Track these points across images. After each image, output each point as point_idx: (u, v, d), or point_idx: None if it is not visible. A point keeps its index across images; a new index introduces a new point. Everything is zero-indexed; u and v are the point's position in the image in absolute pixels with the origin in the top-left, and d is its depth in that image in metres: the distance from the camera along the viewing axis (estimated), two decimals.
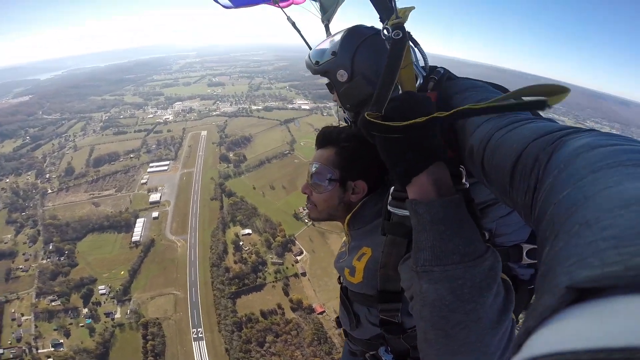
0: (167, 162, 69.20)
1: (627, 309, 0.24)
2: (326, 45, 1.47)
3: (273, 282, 41.41)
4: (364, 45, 1.38)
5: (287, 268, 43.20)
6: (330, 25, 2.05)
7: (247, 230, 49.18)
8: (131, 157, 72.67)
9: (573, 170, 0.46)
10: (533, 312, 0.33)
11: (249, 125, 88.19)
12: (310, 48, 1.61)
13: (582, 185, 0.41)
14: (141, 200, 56.90)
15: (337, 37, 1.42)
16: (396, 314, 1.17)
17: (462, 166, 0.97)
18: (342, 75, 1.40)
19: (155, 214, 52.94)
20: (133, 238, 47.52)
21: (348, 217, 1.33)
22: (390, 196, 1.04)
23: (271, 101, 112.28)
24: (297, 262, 44.37)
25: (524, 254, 1.18)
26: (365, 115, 0.76)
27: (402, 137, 0.74)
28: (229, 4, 2.74)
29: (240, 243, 46.85)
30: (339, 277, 1.49)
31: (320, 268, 42.95)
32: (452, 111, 0.67)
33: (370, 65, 1.37)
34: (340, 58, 1.40)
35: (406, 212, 0.95)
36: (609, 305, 0.26)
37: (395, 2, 0.98)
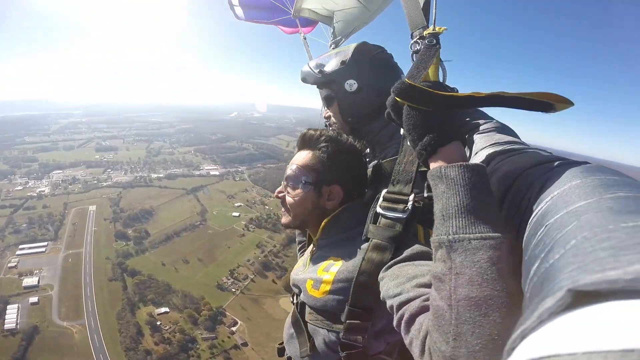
0: (45, 243, 61.21)
1: (625, 313, 0.26)
2: (329, 57, 1.55)
3: (210, 358, 40.35)
4: (375, 59, 1.50)
5: (222, 341, 42.57)
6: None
7: (164, 309, 47.16)
8: None
9: (567, 197, 0.52)
10: (529, 316, 0.34)
11: (149, 196, 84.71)
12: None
13: (574, 211, 0.46)
14: (11, 285, 49.96)
15: (346, 50, 1.52)
16: (363, 334, 1.07)
17: None
18: (352, 85, 1.46)
19: (33, 299, 47.66)
20: (6, 326, 42.36)
21: (325, 220, 1.30)
22: (381, 198, 1.07)
23: (174, 168, 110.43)
24: (233, 333, 43.96)
25: None
26: (406, 79, 0.78)
27: (437, 107, 0.78)
28: (242, 16, 3.05)
29: (158, 323, 44.31)
30: (293, 294, 1.44)
31: (262, 334, 43.46)
32: (489, 93, 0.74)
33: (380, 78, 1.46)
34: (351, 68, 1.47)
35: (398, 215, 1.02)
36: (608, 309, 0.27)
37: (435, 16, 1.09)
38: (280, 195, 1.39)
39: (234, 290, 53.09)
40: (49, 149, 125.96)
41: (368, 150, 1.60)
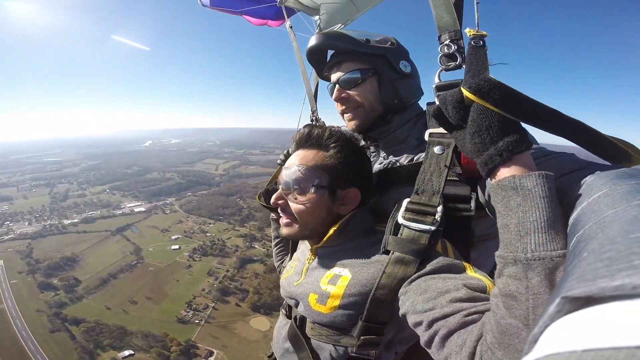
0: None
1: (610, 315, 0.30)
2: (363, 33, 1.44)
3: None
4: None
5: None
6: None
7: (127, 352, 45.89)
8: None
9: (595, 207, 0.54)
10: (538, 323, 0.39)
11: (67, 243, 79.03)
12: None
13: (602, 221, 0.48)
14: None
15: (379, 35, 1.45)
16: (376, 348, 1.05)
17: (474, 192, 1.04)
18: (406, 67, 1.42)
19: None
20: None
21: (334, 228, 1.16)
22: (403, 208, 1.01)
23: (90, 211, 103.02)
24: None
25: None
26: (491, 78, 0.72)
27: (519, 115, 0.71)
28: (207, 2, 2.92)
29: None
30: (287, 306, 1.36)
31: (244, 358, 44.09)
32: (574, 118, 0.70)
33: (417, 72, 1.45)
34: (402, 51, 1.44)
35: (425, 227, 0.95)
36: (595, 312, 0.32)
37: (477, 19, 1.03)
38: (280, 202, 1.23)
39: (197, 321, 52.74)
40: None
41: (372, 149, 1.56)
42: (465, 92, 0.73)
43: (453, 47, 1.06)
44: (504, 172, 0.70)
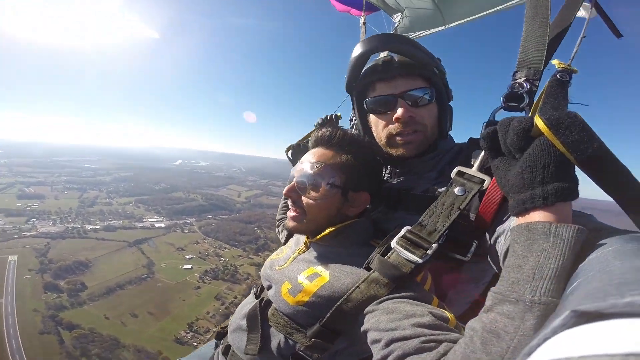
0: None
1: (618, 328, 0.32)
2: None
3: None
4: None
5: None
6: None
7: None
8: None
9: (602, 258, 0.55)
10: (537, 336, 0.40)
11: (83, 248, 79.87)
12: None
13: (608, 270, 0.50)
14: None
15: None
16: (320, 354, 1.08)
17: (475, 241, 1.04)
18: (450, 94, 1.40)
19: None
20: None
21: (331, 229, 1.19)
22: (401, 234, 1.03)
23: (113, 220, 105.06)
24: None
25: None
26: (577, 114, 0.64)
27: (586, 164, 0.63)
28: None
29: None
30: (259, 287, 1.40)
31: None
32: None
33: None
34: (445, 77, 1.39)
35: (412, 257, 0.96)
36: (602, 326, 0.34)
37: (575, 53, 1.01)
38: (292, 194, 1.25)
39: (195, 343, 50.94)
40: None
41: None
42: (540, 123, 0.65)
43: (525, 87, 0.99)
44: (539, 216, 0.67)
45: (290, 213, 1.27)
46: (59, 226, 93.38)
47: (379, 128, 1.37)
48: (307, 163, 1.23)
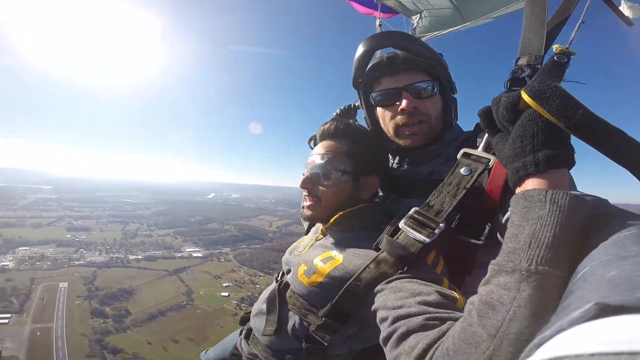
0: (7, 315, 58.00)
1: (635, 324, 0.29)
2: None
3: None
4: None
5: None
6: None
7: None
8: None
9: (619, 242, 0.52)
10: (550, 327, 0.38)
11: (127, 276, 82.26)
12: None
13: (626, 255, 0.47)
14: None
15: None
16: (332, 335, 1.11)
17: (489, 224, 1.06)
18: (454, 87, 1.45)
19: None
20: None
21: (340, 214, 1.27)
22: (408, 214, 1.06)
23: (153, 250, 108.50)
24: None
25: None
26: (557, 85, 0.65)
27: (575, 129, 0.62)
28: None
29: None
30: (280, 272, 1.46)
31: None
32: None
33: None
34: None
35: (419, 236, 0.98)
36: (626, 320, 0.31)
37: (574, 35, 1.02)
38: (307, 185, 1.32)
39: None
40: (14, 225, 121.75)
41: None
42: (524, 96, 0.67)
43: (526, 72, 1.01)
44: (533, 183, 0.66)
45: (306, 203, 1.35)
46: (105, 256, 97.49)
47: (386, 120, 1.44)
48: (317, 155, 1.33)
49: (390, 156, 1.59)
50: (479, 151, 1.10)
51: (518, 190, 0.69)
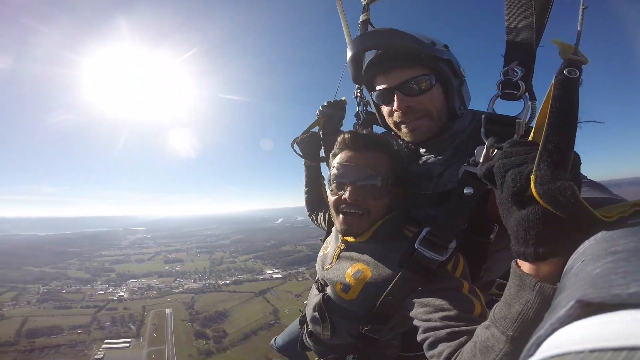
0: (129, 340, 64.21)
1: (625, 320, 0.31)
2: (420, 34, 1.26)
3: None
4: None
5: None
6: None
7: None
8: (79, 332, 66.40)
9: (608, 236, 0.53)
10: (543, 325, 0.39)
11: (220, 300, 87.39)
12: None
13: (614, 251, 0.47)
14: None
15: (423, 36, 1.27)
16: (381, 331, 1.27)
17: (496, 224, 1.14)
18: (464, 71, 1.34)
19: None
20: None
21: (372, 230, 1.32)
22: (423, 236, 1.13)
23: (238, 274, 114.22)
24: None
25: (494, 287, 1.38)
26: (574, 191, 0.55)
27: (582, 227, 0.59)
28: None
29: None
30: (320, 282, 1.49)
31: None
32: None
33: None
34: (452, 55, 1.32)
35: (435, 256, 1.09)
36: (611, 317, 0.32)
37: (580, 31, 0.78)
38: (359, 197, 1.28)
39: None
40: (122, 261, 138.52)
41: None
42: (536, 194, 0.59)
43: (518, 73, 0.93)
44: (530, 269, 0.70)
45: (349, 216, 1.32)
46: (199, 283, 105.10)
47: (387, 117, 1.41)
48: (367, 167, 1.31)
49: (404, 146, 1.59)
50: (478, 169, 1.05)
51: (515, 266, 0.74)
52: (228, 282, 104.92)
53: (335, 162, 1.38)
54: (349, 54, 1.33)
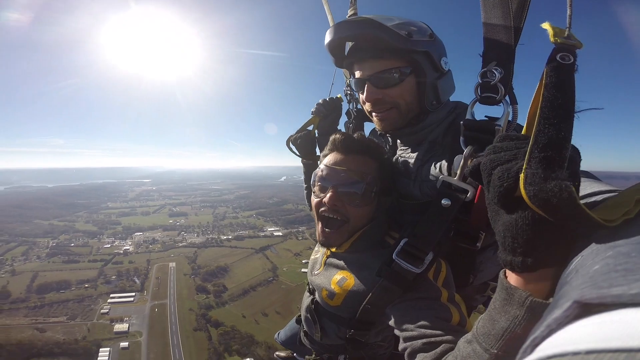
0: (133, 294, 66.08)
1: (626, 320, 0.29)
2: (400, 23, 1.19)
3: None
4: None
5: None
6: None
7: (248, 359, 47.04)
8: (86, 287, 68.57)
9: (610, 236, 0.47)
10: (540, 326, 0.37)
11: (222, 255, 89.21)
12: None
13: (613, 245, 0.43)
14: (103, 330, 53.98)
15: (412, 22, 1.23)
16: (367, 334, 1.27)
17: (482, 232, 1.10)
18: (446, 64, 1.28)
19: (124, 344, 50.69)
20: None
21: (353, 239, 1.29)
22: (400, 247, 1.10)
23: (240, 230, 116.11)
24: None
25: (489, 289, 1.42)
26: (569, 189, 0.47)
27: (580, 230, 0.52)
28: None
29: None
30: (311, 288, 1.51)
31: None
32: None
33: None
34: (441, 44, 1.27)
35: (411, 268, 1.05)
36: (610, 317, 0.30)
37: (570, 16, 0.68)
38: (338, 203, 1.23)
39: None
40: (129, 213, 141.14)
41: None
42: (525, 197, 0.51)
43: (497, 75, 0.88)
44: (517, 281, 0.62)
45: (327, 223, 1.28)
46: (202, 237, 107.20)
47: (362, 105, 1.41)
48: (352, 172, 1.24)
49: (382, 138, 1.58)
50: (456, 181, 1.07)
51: (502, 277, 0.66)
52: (230, 237, 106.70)
53: (323, 163, 1.33)
54: (327, 39, 1.28)
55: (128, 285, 69.98)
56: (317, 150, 1.95)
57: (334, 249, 1.38)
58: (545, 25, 0.64)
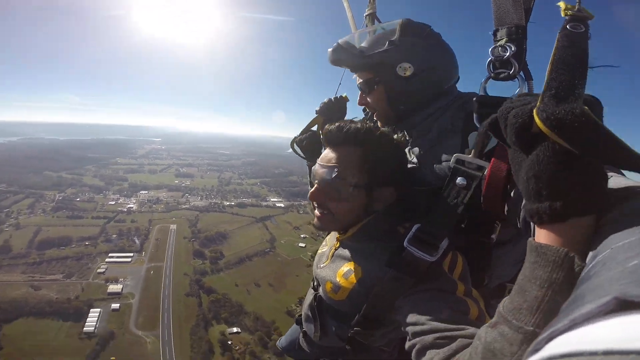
0: (131, 254, 66.52)
1: None
2: (368, 34, 1.36)
3: None
4: (429, 38, 1.31)
5: None
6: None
7: (235, 329, 47.37)
8: (86, 245, 69.31)
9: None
10: (561, 320, 0.33)
11: (222, 221, 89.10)
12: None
13: None
14: (97, 290, 54.43)
15: (391, 27, 1.32)
16: (370, 336, 1.18)
17: (497, 222, 1.04)
18: (405, 70, 1.27)
19: (115, 305, 50.64)
20: (85, 328, 44.73)
21: (355, 229, 1.23)
22: (413, 233, 1.03)
23: (243, 197, 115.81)
24: None
25: (507, 291, 1.30)
26: (585, 110, 0.45)
27: (606, 161, 0.50)
28: None
29: (229, 342, 44.63)
30: (315, 283, 1.43)
31: None
32: None
33: (436, 61, 1.31)
34: (403, 49, 1.27)
35: (425, 256, 0.97)
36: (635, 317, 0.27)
37: None
38: (319, 198, 1.21)
39: None
40: (136, 170, 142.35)
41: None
42: (539, 122, 0.48)
43: (508, 51, 0.86)
44: (548, 237, 0.53)
45: (317, 213, 1.26)
46: (205, 201, 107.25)
47: None
48: (326, 166, 1.18)
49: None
50: (471, 157, 1.02)
51: (536, 231, 0.56)
52: (232, 204, 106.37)
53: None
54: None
55: (127, 245, 70.61)
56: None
57: (339, 236, 1.31)
58: (560, 4, 0.65)
